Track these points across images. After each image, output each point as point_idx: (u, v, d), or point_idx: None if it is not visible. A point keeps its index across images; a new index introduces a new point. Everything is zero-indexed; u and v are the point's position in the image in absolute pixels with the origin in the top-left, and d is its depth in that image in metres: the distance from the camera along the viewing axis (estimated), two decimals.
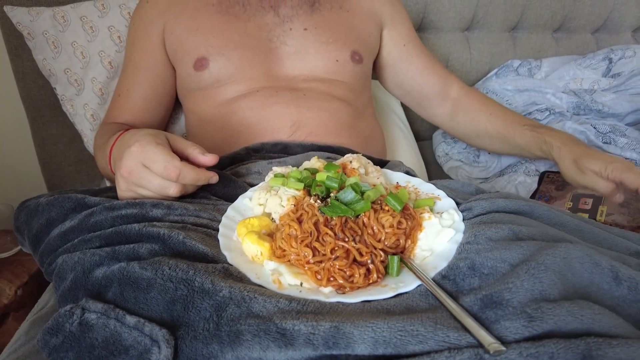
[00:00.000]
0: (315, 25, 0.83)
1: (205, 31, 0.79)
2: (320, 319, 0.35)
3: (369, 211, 0.45)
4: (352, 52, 0.84)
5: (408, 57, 0.95)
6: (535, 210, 0.50)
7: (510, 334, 0.33)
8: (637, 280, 0.38)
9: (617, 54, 1.28)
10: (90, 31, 0.97)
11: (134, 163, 0.53)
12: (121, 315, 0.39)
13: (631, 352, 0.30)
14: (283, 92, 0.78)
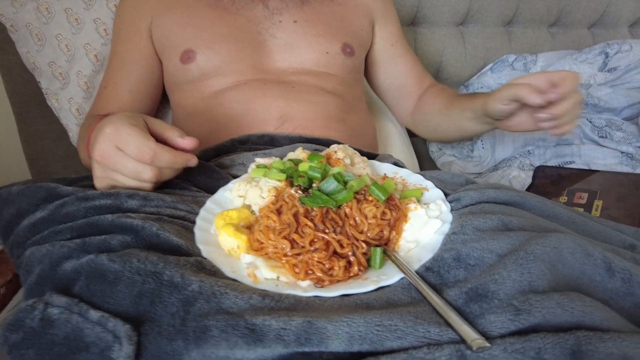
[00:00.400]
0: (306, 18, 0.82)
1: (195, 25, 0.79)
2: (293, 315, 0.33)
3: (351, 201, 0.42)
4: (343, 44, 0.83)
5: (395, 56, 0.95)
6: (528, 201, 0.48)
7: (496, 328, 0.31)
8: (631, 272, 0.36)
9: (613, 49, 1.27)
10: (75, 23, 0.95)
11: (107, 146, 0.50)
12: (84, 310, 0.36)
13: (624, 346, 0.28)
14: (271, 85, 0.77)
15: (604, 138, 1.00)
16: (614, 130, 1.02)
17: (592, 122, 1.05)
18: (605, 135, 1.01)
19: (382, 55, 0.95)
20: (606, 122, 1.04)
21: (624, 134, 1.00)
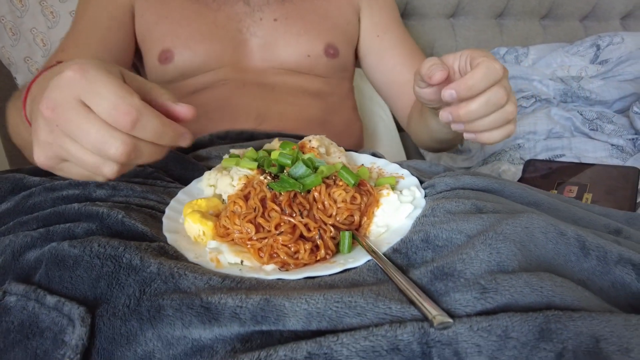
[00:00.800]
0: (286, 16, 0.79)
1: (174, 20, 0.75)
2: (251, 294, 0.31)
3: (320, 186, 0.41)
4: (326, 45, 0.79)
5: (381, 50, 0.87)
6: (507, 188, 0.46)
7: (461, 306, 0.30)
8: (605, 250, 0.35)
9: (605, 41, 1.25)
10: (50, 17, 0.93)
11: (65, 95, 0.35)
12: (42, 296, 0.35)
13: (593, 324, 0.27)
14: (250, 85, 0.75)
15: (594, 131, 0.99)
16: (605, 123, 1.00)
17: (583, 114, 1.04)
18: (596, 127, 1.00)
19: (367, 48, 0.88)
20: (597, 114, 1.03)
21: (615, 126, 0.98)
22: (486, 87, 0.47)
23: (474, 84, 0.46)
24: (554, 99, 1.17)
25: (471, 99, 0.47)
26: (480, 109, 0.47)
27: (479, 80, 0.46)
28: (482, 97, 0.47)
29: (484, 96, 0.47)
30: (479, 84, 0.46)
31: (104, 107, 0.34)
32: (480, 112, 0.47)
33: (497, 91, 0.47)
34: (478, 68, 0.46)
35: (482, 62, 0.47)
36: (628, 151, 0.90)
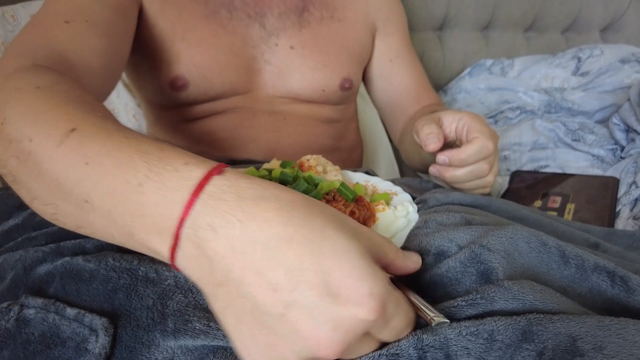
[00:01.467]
0: (303, 45, 0.75)
1: (191, 44, 0.70)
2: None
3: (320, 201, 0.43)
4: (342, 80, 0.77)
5: (391, 74, 0.86)
6: (493, 203, 0.50)
7: (448, 313, 0.33)
8: (583, 258, 0.38)
9: (585, 53, 1.30)
10: None
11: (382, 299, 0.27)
12: (61, 308, 0.37)
13: (571, 325, 0.30)
14: (261, 114, 0.73)
15: (577, 141, 1.03)
16: (587, 134, 1.04)
17: (566, 125, 1.08)
18: (578, 138, 1.04)
19: (378, 70, 0.86)
20: (579, 125, 1.07)
21: (596, 137, 1.03)
22: (475, 162, 0.55)
23: (465, 158, 0.54)
24: (538, 110, 1.21)
25: (459, 167, 0.55)
26: (463, 177, 0.56)
27: (471, 156, 0.54)
28: (468, 168, 0.55)
29: (469, 168, 0.55)
30: (470, 159, 0.54)
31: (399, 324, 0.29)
32: (462, 179, 0.56)
33: (482, 166, 0.55)
34: (472, 144, 0.54)
35: (478, 139, 0.54)
36: (608, 161, 0.94)
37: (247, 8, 0.74)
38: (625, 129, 0.98)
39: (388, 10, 0.85)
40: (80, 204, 0.33)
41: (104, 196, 0.31)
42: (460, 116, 0.57)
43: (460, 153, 0.54)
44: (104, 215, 0.32)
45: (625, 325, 0.30)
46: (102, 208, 0.32)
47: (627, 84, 1.15)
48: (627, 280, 0.36)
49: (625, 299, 0.36)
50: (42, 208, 0.38)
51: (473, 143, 0.54)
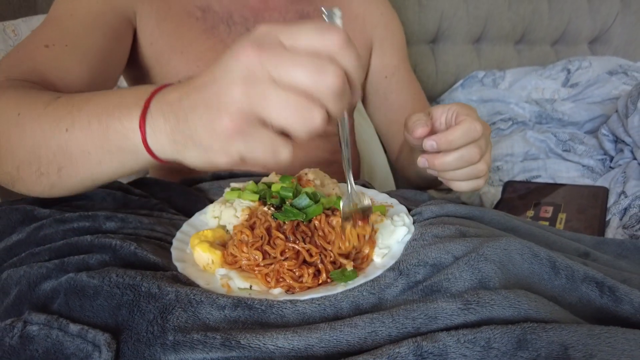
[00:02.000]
0: None
1: (189, 59, 0.70)
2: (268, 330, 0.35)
3: (320, 215, 0.45)
4: None
5: (387, 91, 0.86)
6: (486, 215, 0.51)
7: (446, 314, 0.34)
8: (573, 269, 0.39)
9: (574, 65, 1.33)
10: None
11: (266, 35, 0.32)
12: (64, 325, 0.38)
13: (563, 334, 0.31)
14: None
15: (567, 152, 1.05)
16: (577, 144, 1.07)
17: (557, 136, 1.10)
18: (569, 149, 1.06)
19: (373, 87, 0.87)
20: (570, 135, 1.10)
21: (585, 147, 1.05)
22: (464, 144, 0.51)
23: (453, 140, 0.51)
24: (530, 121, 1.24)
25: (447, 152, 0.52)
26: (453, 163, 0.52)
27: (458, 137, 0.51)
28: (457, 152, 0.51)
29: (458, 152, 0.51)
30: (458, 140, 0.51)
31: (308, 36, 0.32)
32: (452, 165, 0.52)
33: (472, 150, 0.51)
34: (460, 125, 0.51)
35: (465, 120, 0.51)
36: (598, 171, 0.96)
37: (247, 23, 0.76)
38: (614, 140, 1.01)
39: (385, 29, 0.86)
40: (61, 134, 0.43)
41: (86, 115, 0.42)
42: (449, 107, 0.55)
43: (448, 134, 0.51)
44: (83, 129, 0.42)
45: (615, 334, 0.31)
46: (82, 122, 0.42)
47: (615, 95, 1.18)
48: (615, 290, 0.38)
49: (614, 308, 0.37)
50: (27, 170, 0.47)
51: (460, 124, 0.51)
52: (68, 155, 0.44)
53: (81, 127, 0.42)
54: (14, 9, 0.98)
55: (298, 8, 0.79)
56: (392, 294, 0.39)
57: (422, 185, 0.81)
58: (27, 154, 0.46)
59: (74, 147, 0.43)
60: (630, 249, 0.51)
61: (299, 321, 0.37)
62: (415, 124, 0.54)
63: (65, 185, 0.48)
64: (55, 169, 0.45)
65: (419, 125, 0.53)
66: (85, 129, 0.42)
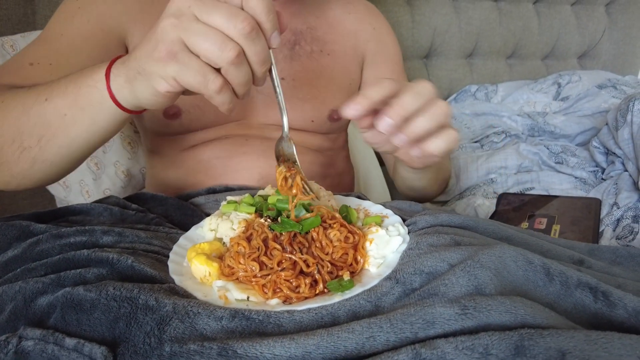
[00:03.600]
0: (294, 77, 0.77)
1: None
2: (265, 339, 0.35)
3: (318, 227, 0.45)
4: (330, 111, 0.79)
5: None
6: (480, 225, 0.52)
7: (444, 319, 0.34)
8: (567, 275, 0.40)
9: (564, 79, 1.36)
10: None
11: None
12: (60, 339, 0.37)
13: (560, 340, 0.31)
14: (254, 141, 0.75)
15: (560, 164, 1.06)
16: (569, 156, 1.08)
17: (549, 148, 1.12)
18: (561, 161, 1.08)
19: None
20: (562, 148, 1.11)
21: (577, 159, 1.06)
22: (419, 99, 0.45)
23: (407, 106, 0.45)
24: (523, 134, 1.26)
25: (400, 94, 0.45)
26: (411, 101, 0.45)
27: (410, 101, 0.45)
28: (411, 90, 0.46)
29: (412, 89, 0.46)
30: (411, 104, 0.45)
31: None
32: (411, 104, 0.45)
33: (424, 85, 0.46)
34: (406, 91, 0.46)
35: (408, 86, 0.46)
36: (590, 183, 0.97)
37: None
38: (605, 152, 1.02)
39: (377, 43, 0.87)
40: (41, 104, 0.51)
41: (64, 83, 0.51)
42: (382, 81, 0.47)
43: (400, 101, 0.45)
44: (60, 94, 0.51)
45: (611, 340, 0.32)
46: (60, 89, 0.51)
47: (605, 109, 1.20)
48: (609, 295, 0.38)
49: (608, 313, 0.37)
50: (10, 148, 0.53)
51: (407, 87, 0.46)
52: (47, 122, 0.51)
53: (58, 93, 0.51)
54: (12, 24, 0.99)
55: (291, 26, 0.80)
56: (388, 301, 0.40)
57: (414, 197, 0.81)
58: (9, 131, 0.53)
59: (51, 113, 0.51)
60: (624, 255, 0.52)
61: (297, 330, 0.37)
62: (346, 106, 0.46)
63: (45, 157, 0.54)
64: (35, 140, 0.52)
65: (350, 106, 0.46)
66: (62, 94, 0.50)
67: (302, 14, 0.82)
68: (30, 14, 1.01)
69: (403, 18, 1.34)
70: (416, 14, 1.36)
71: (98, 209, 0.60)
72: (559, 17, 1.53)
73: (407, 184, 0.77)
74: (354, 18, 0.86)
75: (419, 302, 0.37)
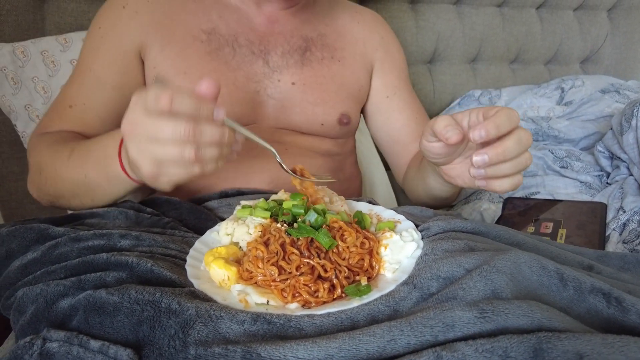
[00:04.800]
0: (304, 82, 0.79)
1: (194, 77, 0.73)
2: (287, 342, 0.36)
3: (334, 232, 0.46)
4: (340, 115, 0.81)
5: (389, 110, 0.89)
6: (492, 230, 0.53)
7: (463, 323, 0.35)
8: (580, 281, 0.41)
9: (567, 84, 1.37)
10: (52, 66, 0.97)
11: (136, 114, 0.45)
12: (85, 341, 0.38)
13: (577, 344, 0.32)
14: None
15: (565, 168, 1.07)
16: (574, 161, 1.09)
17: (554, 153, 1.12)
18: (566, 165, 1.08)
19: (376, 108, 0.90)
20: (566, 152, 1.12)
21: (582, 163, 1.07)
22: (511, 129, 0.49)
23: (500, 124, 0.48)
24: None
25: (504, 138, 0.49)
26: (514, 147, 0.49)
27: (504, 121, 0.48)
28: (514, 135, 0.49)
29: (515, 134, 0.49)
30: (505, 123, 0.48)
31: (150, 101, 0.44)
32: (512, 150, 0.49)
33: (524, 131, 0.50)
34: (501, 112, 0.49)
35: (502, 108, 0.50)
36: (595, 187, 0.98)
37: (252, 46, 0.78)
38: (610, 156, 1.03)
39: (385, 52, 0.90)
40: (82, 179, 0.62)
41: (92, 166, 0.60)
42: (470, 110, 0.53)
43: (495, 119, 0.48)
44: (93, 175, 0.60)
45: (627, 343, 0.32)
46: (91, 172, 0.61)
47: (609, 113, 1.21)
48: (622, 301, 0.39)
49: (621, 318, 0.38)
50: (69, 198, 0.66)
51: (500, 111, 0.49)
52: (93, 189, 0.63)
53: (92, 175, 0.61)
54: (22, 30, 1.00)
55: (302, 33, 0.81)
56: (406, 305, 0.41)
57: (431, 204, 0.81)
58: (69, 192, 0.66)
59: (95, 184, 0.61)
60: (632, 262, 0.52)
61: (317, 334, 0.38)
62: (446, 129, 0.51)
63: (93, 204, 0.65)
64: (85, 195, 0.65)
65: (450, 130, 0.51)
66: (94, 176, 0.61)
67: (312, 22, 0.83)
68: (39, 20, 1.02)
69: (407, 23, 1.35)
70: (420, 19, 1.38)
71: (113, 213, 0.61)
72: (561, 22, 1.55)
73: (432, 193, 0.77)
74: (362, 27, 0.88)
75: (437, 306, 0.38)
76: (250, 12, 0.79)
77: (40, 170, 0.68)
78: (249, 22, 0.79)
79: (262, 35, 0.79)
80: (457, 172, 0.61)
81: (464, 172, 0.60)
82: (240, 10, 0.79)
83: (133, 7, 0.75)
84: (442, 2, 1.41)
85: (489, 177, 0.52)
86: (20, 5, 1.00)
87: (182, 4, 0.77)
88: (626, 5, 1.61)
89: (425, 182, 0.75)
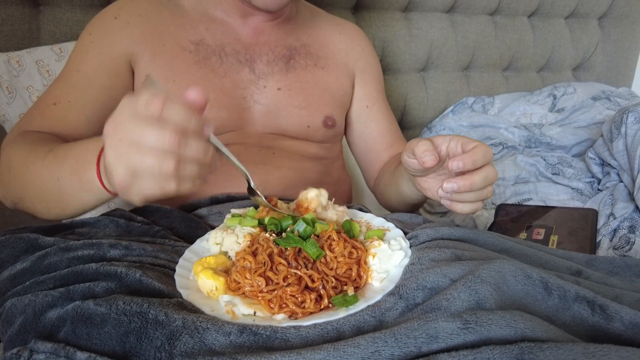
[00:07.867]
0: (289, 87, 0.82)
1: (181, 86, 0.75)
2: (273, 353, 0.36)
3: (322, 242, 0.46)
4: (325, 117, 0.84)
5: (368, 120, 0.93)
6: (480, 237, 0.53)
7: (446, 334, 0.35)
8: (565, 289, 0.41)
9: (560, 91, 1.38)
10: (47, 75, 0.97)
11: (122, 116, 0.42)
12: (71, 353, 0.38)
13: (559, 354, 0.32)
14: (252, 149, 0.78)
15: (557, 175, 1.08)
16: (566, 167, 1.10)
17: (546, 160, 1.13)
18: (558, 172, 1.09)
19: (356, 116, 0.94)
20: (558, 159, 1.13)
21: (574, 170, 1.08)
22: (484, 164, 0.56)
23: (476, 160, 0.55)
24: (520, 146, 1.27)
25: (474, 172, 0.55)
26: (481, 182, 0.56)
27: (480, 158, 0.55)
28: (483, 171, 0.56)
29: (483, 171, 0.56)
30: (480, 160, 0.55)
31: (140, 106, 0.41)
32: (479, 184, 0.56)
33: (491, 169, 0.56)
34: (478, 148, 0.55)
35: (479, 145, 0.56)
36: (587, 194, 0.99)
37: (238, 55, 0.81)
38: (601, 163, 1.04)
39: (366, 62, 0.94)
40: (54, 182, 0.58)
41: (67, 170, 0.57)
42: (450, 137, 0.58)
43: (472, 155, 0.54)
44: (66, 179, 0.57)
45: (609, 352, 0.33)
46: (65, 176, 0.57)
47: (600, 120, 1.22)
48: (606, 309, 0.39)
49: (606, 326, 0.39)
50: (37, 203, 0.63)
51: (478, 147, 0.55)
52: (63, 194, 0.59)
53: (65, 178, 0.57)
54: (17, 40, 1.00)
55: (286, 43, 0.84)
56: (392, 316, 0.41)
57: (400, 209, 0.85)
58: (37, 194, 0.63)
59: (66, 189, 0.58)
60: (621, 266, 0.53)
61: (303, 345, 0.38)
62: (424, 154, 0.57)
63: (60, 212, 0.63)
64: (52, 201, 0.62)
65: (428, 156, 0.56)
66: (67, 179, 0.57)
67: (295, 32, 0.86)
68: (35, 30, 1.03)
69: (400, 32, 1.37)
70: (413, 27, 1.39)
71: (104, 222, 0.61)
72: (553, 31, 1.56)
73: (403, 198, 0.81)
74: (344, 38, 0.92)
75: (422, 317, 0.38)
76: (236, 25, 0.82)
77: (10, 168, 0.64)
78: (235, 33, 0.81)
79: (248, 45, 0.82)
80: (429, 185, 0.66)
81: (434, 186, 0.65)
82: (226, 23, 0.81)
83: (125, 18, 0.77)
84: (435, 11, 1.42)
85: (454, 200, 0.59)
86: (15, 15, 1.00)
87: (171, 17, 0.80)
88: (616, 13, 1.63)
89: (399, 188, 0.79)
